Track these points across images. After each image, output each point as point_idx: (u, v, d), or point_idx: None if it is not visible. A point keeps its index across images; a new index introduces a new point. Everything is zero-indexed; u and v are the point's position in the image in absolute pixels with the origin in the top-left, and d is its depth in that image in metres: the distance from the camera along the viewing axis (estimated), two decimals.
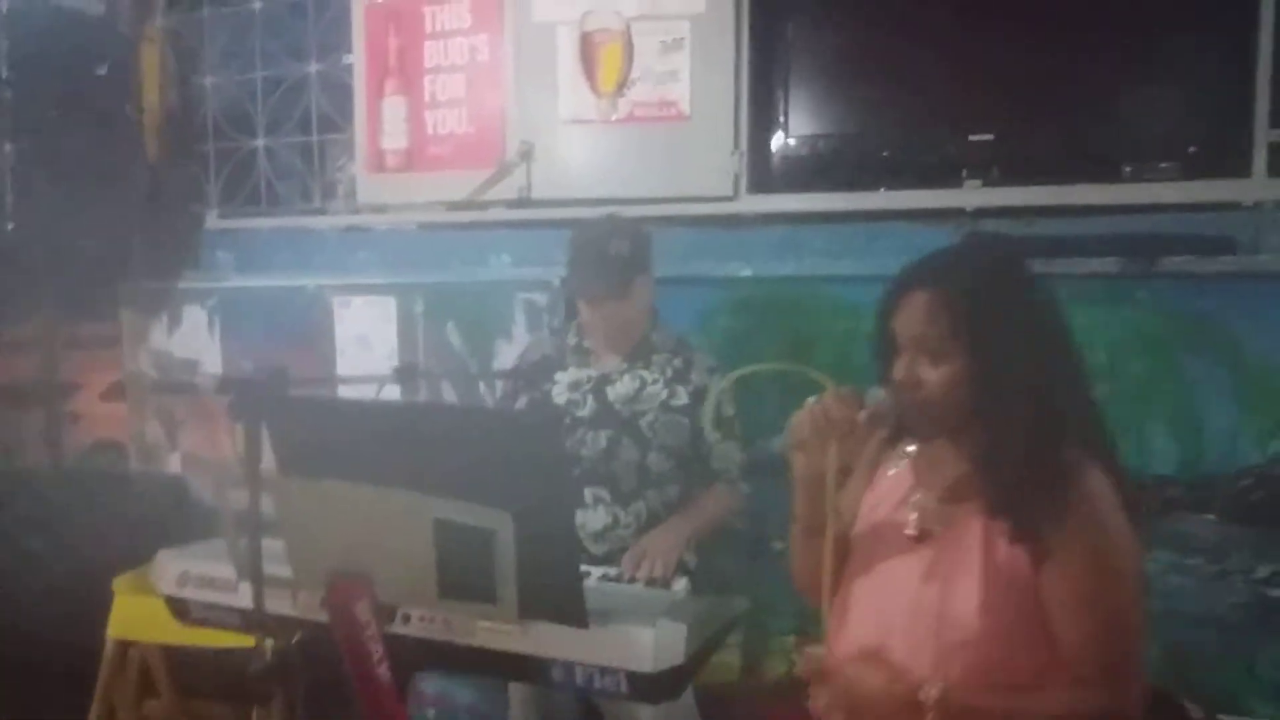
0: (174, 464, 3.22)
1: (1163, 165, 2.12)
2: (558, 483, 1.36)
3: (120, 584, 2.43)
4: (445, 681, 2.65)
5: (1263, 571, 2.02)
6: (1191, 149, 2.10)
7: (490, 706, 2.51)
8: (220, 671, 2.25)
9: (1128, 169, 2.14)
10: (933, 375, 1.22)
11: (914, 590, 1.25)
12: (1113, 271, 2.09)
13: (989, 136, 2.25)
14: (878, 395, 1.26)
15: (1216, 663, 2.05)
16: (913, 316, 1.23)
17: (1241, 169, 2.04)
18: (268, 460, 1.51)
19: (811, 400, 1.25)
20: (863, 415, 1.24)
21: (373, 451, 1.39)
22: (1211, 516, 2.06)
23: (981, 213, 2.24)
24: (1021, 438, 1.19)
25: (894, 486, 1.36)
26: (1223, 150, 2.07)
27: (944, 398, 1.22)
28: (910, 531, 1.28)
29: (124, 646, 2.40)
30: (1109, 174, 2.14)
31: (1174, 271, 2.04)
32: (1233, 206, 2.05)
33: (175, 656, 2.48)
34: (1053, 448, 1.20)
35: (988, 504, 1.22)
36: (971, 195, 2.25)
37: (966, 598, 1.20)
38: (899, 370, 1.25)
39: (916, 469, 1.34)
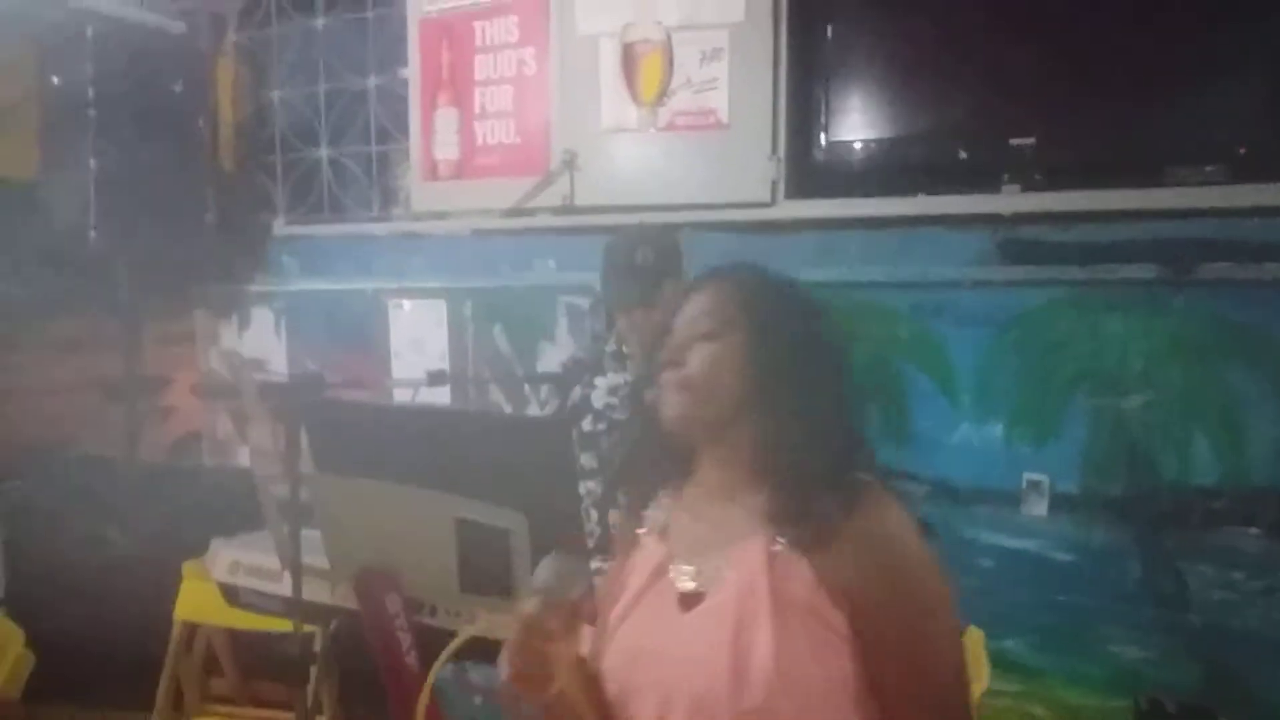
0: (244, 457, 3.40)
1: (1209, 168, 2.06)
2: (567, 485, 1.42)
3: (188, 569, 2.59)
4: (491, 670, 2.74)
5: None
6: (1241, 150, 2.04)
7: None
8: (275, 654, 2.38)
9: (1173, 172, 2.08)
10: (701, 351, 1.09)
11: (698, 655, 1.02)
12: (1149, 278, 2.05)
13: (1030, 140, 2.21)
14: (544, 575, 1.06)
15: (1259, 682, 2.00)
16: (693, 310, 1.13)
17: None
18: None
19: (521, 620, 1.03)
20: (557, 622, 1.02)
21: (401, 452, 1.48)
22: (1257, 531, 2.01)
23: (1020, 218, 2.22)
24: (809, 445, 1.05)
25: (645, 559, 1.14)
26: (1275, 152, 1.99)
27: (708, 377, 1.08)
28: (681, 588, 1.07)
29: (191, 628, 2.56)
30: (1153, 177, 2.08)
31: (1213, 279, 1.99)
32: None
33: (238, 638, 2.63)
34: (843, 465, 1.06)
35: (783, 531, 1.03)
36: (1009, 200, 2.23)
37: (762, 649, 0.98)
38: (665, 353, 1.12)
39: (667, 539, 1.13)
